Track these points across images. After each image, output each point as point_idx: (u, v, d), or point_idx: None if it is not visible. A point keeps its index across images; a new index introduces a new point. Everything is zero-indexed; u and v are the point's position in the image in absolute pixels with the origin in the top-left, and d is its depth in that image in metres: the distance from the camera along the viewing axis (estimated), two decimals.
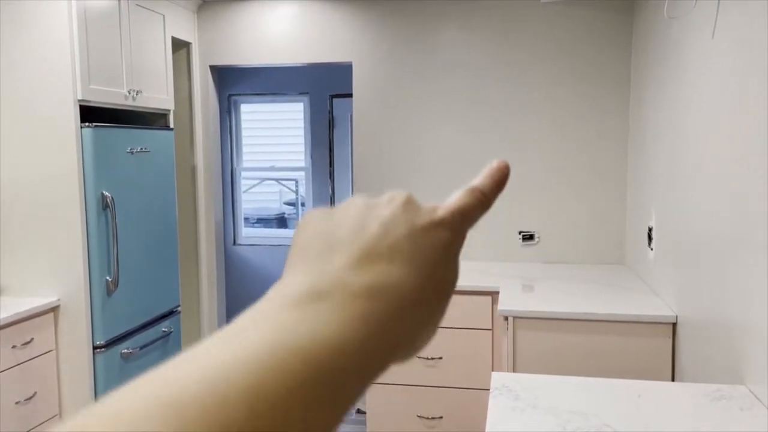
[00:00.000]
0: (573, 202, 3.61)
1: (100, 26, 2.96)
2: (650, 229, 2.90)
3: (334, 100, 5.82)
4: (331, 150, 5.88)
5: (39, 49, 2.80)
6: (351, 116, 5.74)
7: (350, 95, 5.67)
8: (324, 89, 5.84)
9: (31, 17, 2.79)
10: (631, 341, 2.54)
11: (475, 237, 3.68)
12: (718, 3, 1.97)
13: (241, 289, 6.18)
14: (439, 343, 3.12)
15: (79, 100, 2.82)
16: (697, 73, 2.21)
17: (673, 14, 2.51)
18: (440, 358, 3.16)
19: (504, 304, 2.68)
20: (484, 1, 3.60)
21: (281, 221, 6.45)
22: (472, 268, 3.53)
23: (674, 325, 2.49)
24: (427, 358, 3.16)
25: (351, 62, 3.78)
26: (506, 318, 2.64)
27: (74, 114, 2.81)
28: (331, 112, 5.84)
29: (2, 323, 2.55)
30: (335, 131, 5.84)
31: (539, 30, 3.56)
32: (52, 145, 2.82)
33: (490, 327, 3.11)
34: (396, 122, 3.77)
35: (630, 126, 3.47)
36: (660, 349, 2.52)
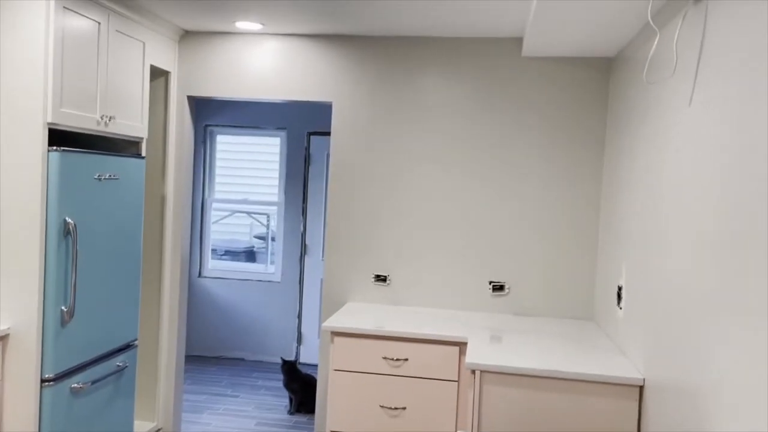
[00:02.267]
0: (545, 255, 3.61)
1: (78, 49, 2.90)
2: (620, 288, 2.90)
3: (312, 137, 5.81)
4: (305, 186, 5.84)
5: (12, 68, 2.73)
6: (328, 154, 5.74)
7: (328, 133, 5.66)
8: (302, 126, 5.84)
9: (6, 35, 2.73)
10: (598, 402, 2.50)
11: (445, 284, 3.66)
12: (696, 72, 2.01)
13: (202, 324, 6.03)
14: (403, 392, 3.06)
15: (49, 123, 2.75)
16: (672, 139, 2.25)
17: (651, 79, 2.56)
18: (404, 408, 3.07)
19: (472, 357, 2.64)
20: (466, 49, 3.65)
21: (250, 255, 6.34)
22: (440, 316, 3.48)
23: (641, 387, 2.47)
24: (391, 408, 3.08)
25: (331, 102, 3.77)
26: (473, 371, 2.59)
27: (42, 137, 2.73)
28: (308, 148, 5.82)
29: None
30: (311, 168, 5.82)
31: (519, 82, 3.61)
32: (16, 166, 2.73)
33: (457, 379, 3.05)
34: (373, 163, 3.75)
35: (603, 183, 3.51)
36: (626, 411, 2.48)
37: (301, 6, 3.18)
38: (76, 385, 2.92)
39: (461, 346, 3.06)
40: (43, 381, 2.76)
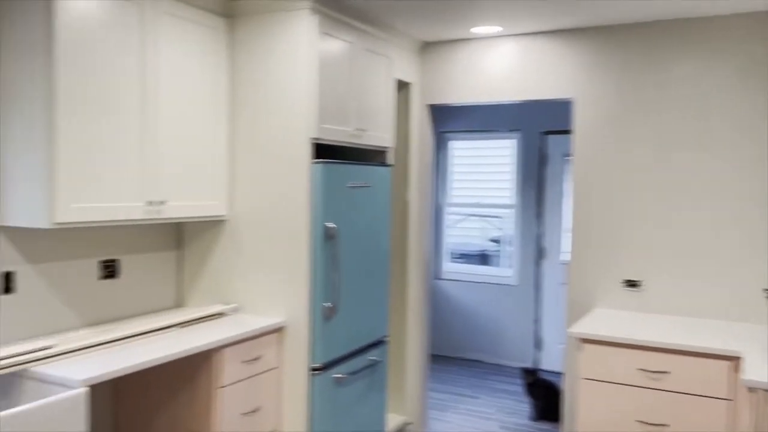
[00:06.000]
0: None
1: (333, 70, 3.18)
2: None
3: (548, 137, 5.66)
4: (540, 188, 5.71)
5: (279, 90, 3.08)
6: (565, 154, 5.54)
7: (565, 132, 5.48)
8: (535, 126, 5.73)
9: (277, 62, 3.09)
10: None
11: (708, 291, 3.28)
12: None
13: (441, 324, 6.21)
14: (664, 408, 2.81)
15: (312, 138, 3.05)
16: None
17: None
18: (667, 425, 2.82)
19: (752, 374, 2.32)
20: (723, 28, 3.25)
21: (483, 258, 6.39)
22: (703, 326, 3.14)
23: None
24: (651, 424, 2.85)
25: (571, 99, 3.63)
26: (753, 390, 2.28)
27: (308, 151, 3.03)
28: (542, 149, 5.69)
29: (236, 339, 2.80)
30: (547, 168, 5.67)
31: None
32: (287, 178, 3.07)
33: (727, 397, 2.72)
34: (621, 160, 3.52)
35: None
36: None
37: (538, 3, 3.11)
38: (338, 375, 3.19)
39: (733, 360, 2.72)
40: (312, 369, 3.06)
